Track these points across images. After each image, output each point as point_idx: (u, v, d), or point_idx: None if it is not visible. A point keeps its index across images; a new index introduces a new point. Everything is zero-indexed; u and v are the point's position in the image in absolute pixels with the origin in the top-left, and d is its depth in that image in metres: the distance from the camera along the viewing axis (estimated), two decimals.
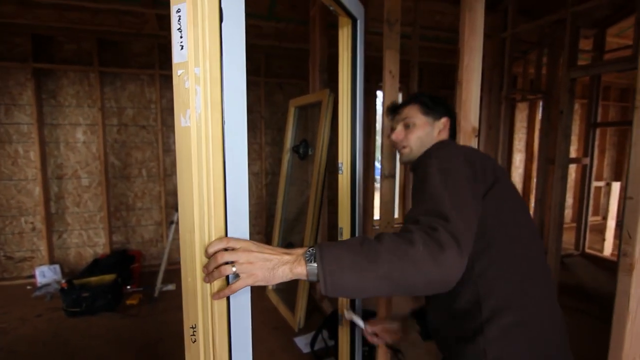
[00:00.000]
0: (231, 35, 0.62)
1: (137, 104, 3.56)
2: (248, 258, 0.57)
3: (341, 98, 1.53)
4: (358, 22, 1.42)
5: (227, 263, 0.57)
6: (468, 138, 1.22)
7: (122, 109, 3.53)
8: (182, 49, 0.58)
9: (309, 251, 0.60)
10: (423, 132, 1.00)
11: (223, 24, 0.60)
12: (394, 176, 1.81)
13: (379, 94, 4.17)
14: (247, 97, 3.54)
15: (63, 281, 2.84)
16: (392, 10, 1.71)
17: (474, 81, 1.22)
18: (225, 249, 0.59)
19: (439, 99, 1.04)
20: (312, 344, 2.20)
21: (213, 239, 0.61)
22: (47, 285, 3.10)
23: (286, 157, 3.07)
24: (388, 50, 1.72)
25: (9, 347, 2.23)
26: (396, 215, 4.78)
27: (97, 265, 3.17)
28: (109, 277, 2.87)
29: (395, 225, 2.24)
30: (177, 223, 2.78)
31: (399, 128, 1.03)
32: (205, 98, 0.58)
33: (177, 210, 3.38)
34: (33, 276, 3.22)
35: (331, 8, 1.31)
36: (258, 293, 3.06)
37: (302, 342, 2.33)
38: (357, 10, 1.39)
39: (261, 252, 0.59)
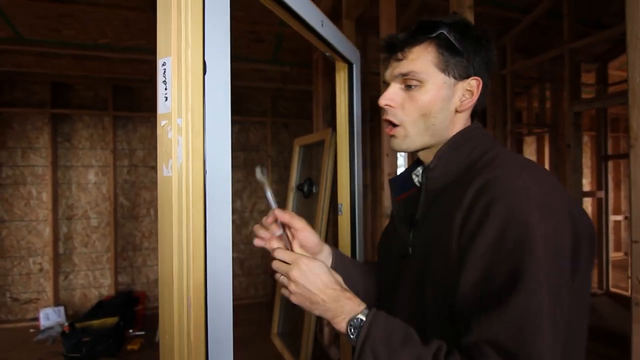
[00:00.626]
0: (215, 86, 0.63)
1: (147, 145, 3.68)
2: (291, 283, 0.59)
3: (339, 139, 1.55)
4: (354, 66, 1.47)
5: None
6: None
7: (133, 151, 3.64)
8: (166, 100, 0.60)
9: (357, 320, 0.54)
10: (433, 102, 0.60)
11: (206, 75, 0.62)
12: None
13: None
14: (254, 137, 3.62)
15: (66, 324, 2.80)
16: None
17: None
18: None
19: (476, 34, 0.61)
20: None
21: (191, 293, 0.58)
22: (50, 328, 3.05)
23: (291, 195, 3.07)
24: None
25: None
26: None
27: (101, 308, 3.12)
28: (111, 320, 2.82)
29: None
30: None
31: (394, 87, 0.63)
32: (187, 148, 0.59)
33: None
34: (37, 319, 3.18)
35: (327, 54, 1.36)
36: (262, 337, 2.94)
37: None
38: (353, 55, 1.45)
39: (306, 284, 0.58)
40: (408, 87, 0.62)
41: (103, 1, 2.64)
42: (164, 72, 0.59)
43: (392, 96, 0.63)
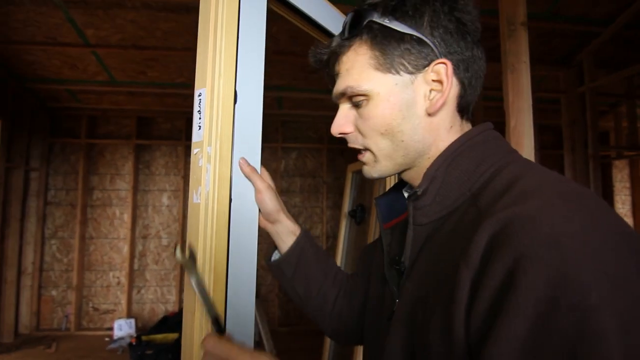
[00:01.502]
0: (245, 115, 0.65)
1: None
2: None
3: None
4: None
5: None
6: None
7: None
8: (199, 129, 0.62)
9: None
10: (392, 113, 0.44)
11: (237, 105, 0.64)
12: None
13: None
14: (310, 164, 3.69)
15: (133, 336, 3.03)
16: None
17: (525, 144, 1.11)
18: None
19: (416, 0, 0.43)
20: None
21: (210, 326, 0.57)
22: (121, 338, 3.33)
23: (344, 222, 3.04)
24: None
25: None
26: None
27: (165, 323, 3.33)
28: (172, 336, 2.98)
29: None
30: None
31: (343, 109, 0.50)
32: (214, 176, 0.60)
33: None
34: (111, 328, 3.50)
35: None
36: None
37: None
38: None
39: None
40: (356, 105, 0.47)
41: (180, 46, 3.00)
42: (200, 102, 0.63)
43: (341, 121, 0.50)
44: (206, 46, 0.62)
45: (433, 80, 0.44)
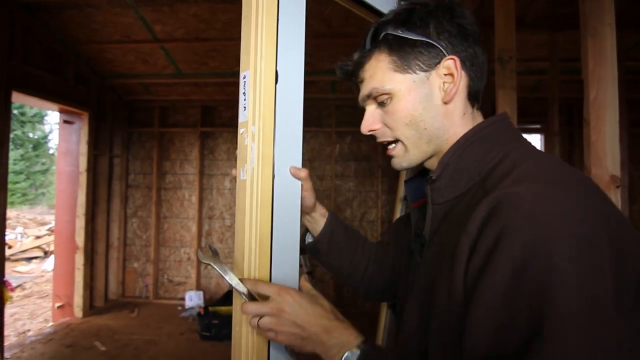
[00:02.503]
0: (286, 94, 0.66)
1: None
2: (272, 320, 0.51)
3: None
4: None
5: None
6: (604, 189, 0.97)
7: None
8: (244, 109, 0.65)
9: (350, 354, 0.49)
10: (414, 105, 0.52)
11: (278, 85, 0.65)
12: None
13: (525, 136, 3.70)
14: (365, 148, 3.64)
15: (202, 307, 3.32)
16: (505, 48, 1.56)
17: (608, 118, 0.98)
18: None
19: (424, 13, 0.51)
20: None
21: (256, 298, 0.60)
22: (191, 308, 3.68)
23: (399, 206, 2.97)
24: (501, 90, 1.56)
25: (155, 357, 2.69)
26: None
27: (229, 297, 3.60)
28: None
29: None
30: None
31: (369, 110, 0.58)
32: (258, 154, 0.62)
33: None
34: (183, 299, 3.87)
35: None
36: None
37: None
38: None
39: (294, 320, 0.51)
40: (381, 104, 0.56)
41: (238, 35, 3.11)
42: (244, 84, 0.65)
43: (370, 120, 0.58)
44: (249, 29, 0.64)
45: (445, 75, 0.52)
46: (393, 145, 0.57)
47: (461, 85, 0.52)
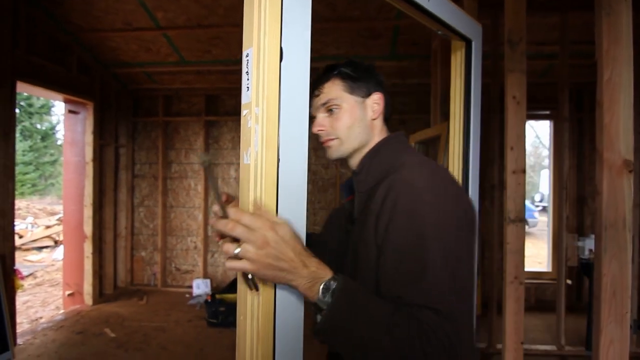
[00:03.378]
0: (292, 73, 0.63)
1: None
2: (257, 251, 0.53)
3: (452, 130, 1.39)
4: (473, 43, 1.26)
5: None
6: (617, 175, 0.93)
7: None
8: (247, 90, 0.62)
9: (328, 283, 0.57)
10: (353, 117, 0.78)
11: (283, 62, 0.62)
12: (522, 220, 1.51)
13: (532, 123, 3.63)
14: None
15: (209, 294, 3.36)
16: (515, 29, 1.51)
17: (622, 100, 0.95)
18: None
19: (364, 66, 0.81)
20: None
21: (259, 283, 0.59)
22: (199, 295, 3.72)
23: None
24: (510, 74, 1.51)
25: (163, 343, 2.74)
26: (548, 269, 3.92)
27: (235, 285, 3.63)
28: None
29: (528, 281, 1.82)
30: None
31: (321, 116, 0.80)
32: (262, 137, 0.60)
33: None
34: (191, 287, 3.92)
35: (439, 32, 1.21)
36: None
37: None
38: (472, 30, 1.24)
39: (277, 253, 0.54)
40: (330, 112, 0.79)
41: (240, 21, 3.06)
42: (247, 62, 0.62)
43: (321, 123, 0.79)
44: (251, 3, 0.61)
45: (374, 102, 0.80)
46: (332, 140, 0.79)
47: (381, 109, 0.81)
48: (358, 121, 0.78)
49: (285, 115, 0.62)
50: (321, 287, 0.57)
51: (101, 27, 3.15)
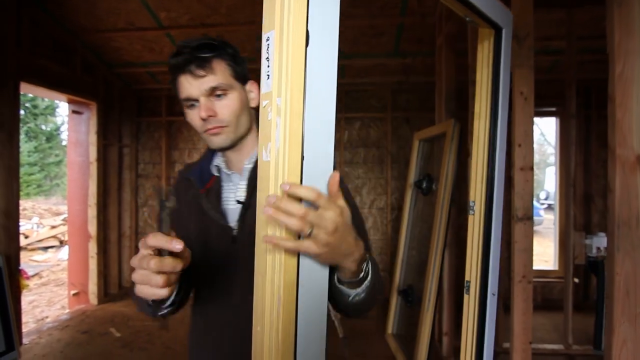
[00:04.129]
0: (318, 59, 0.55)
1: None
2: (328, 237, 0.51)
3: (477, 123, 1.34)
4: (503, 31, 1.18)
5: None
6: (630, 172, 0.91)
7: None
8: (268, 78, 0.55)
9: (368, 258, 0.66)
10: (241, 103, 0.75)
11: (308, 48, 0.54)
12: (530, 218, 1.49)
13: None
14: (374, 133, 3.54)
15: None
16: (521, 25, 1.49)
17: (634, 95, 0.92)
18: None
19: (233, 48, 0.77)
20: None
21: (281, 291, 0.53)
22: None
23: (409, 192, 2.93)
24: (518, 69, 1.49)
25: (167, 342, 2.74)
26: (554, 267, 3.89)
27: None
28: None
29: (535, 280, 1.79)
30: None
31: (206, 100, 0.72)
32: (284, 131, 0.53)
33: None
34: None
35: (467, 19, 1.13)
36: (377, 335, 2.91)
37: None
38: (502, 17, 1.16)
39: (343, 239, 0.54)
40: (217, 97, 0.73)
41: (243, 19, 3.05)
42: (268, 47, 0.55)
43: (210, 107, 0.72)
44: None
45: (251, 90, 0.79)
46: (223, 128, 0.74)
47: (257, 98, 0.79)
48: (244, 108, 0.77)
49: (310, 107, 0.55)
50: (364, 264, 0.63)
51: (104, 27, 3.15)
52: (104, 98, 3.70)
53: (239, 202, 0.78)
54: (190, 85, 0.72)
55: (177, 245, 0.54)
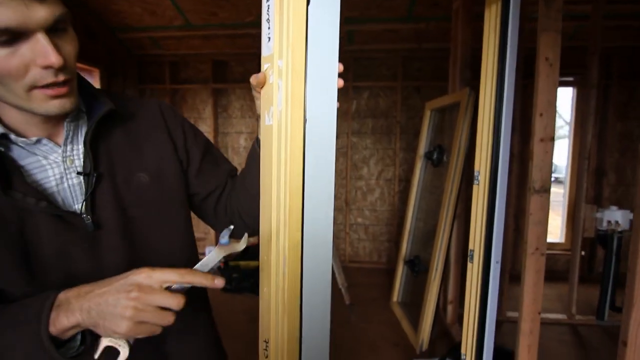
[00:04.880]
0: (320, 18, 0.54)
1: None
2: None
3: (483, 93, 1.30)
4: None
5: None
6: None
7: None
8: (269, 41, 0.55)
9: None
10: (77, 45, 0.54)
11: (310, 6, 0.53)
12: (547, 191, 1.46)
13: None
14: (383, 103, 3.45)
15: (222, 261, 3.42)
16: None
17: None
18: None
19: None
20: None
21: (286, 252, 0.56)
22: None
23: (419, 163, 2.89)
24: (544, 33, 1.40)
25: None
26: (560, 240, 3.89)
27: (247, 252, 3.66)
28: (253, 264, 3.31)
29: (549, 252, 1.79)
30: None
31: (48, 40, 0.46)
32: (286, 93, 0.54)
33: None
34: (203, 254, 4.00)
35: None
36: (381, 302, 2.97)
37: None
38: None
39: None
40: (57, 33, 0.49)
41: None
42: (268, 8, 0.55)
43: (58, 51, 0.48)
44: None
45: None
46: (72, 81, 0.53)
47: None
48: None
49: (312, 67, 0.55)
50: None
51: None
52: (107, 65, 3.61)
53: (81, 173, 0.56)
54: (19, 10, 0.43)
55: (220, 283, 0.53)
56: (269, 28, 0.55)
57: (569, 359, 2.29)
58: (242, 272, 3.12)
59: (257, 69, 0.63)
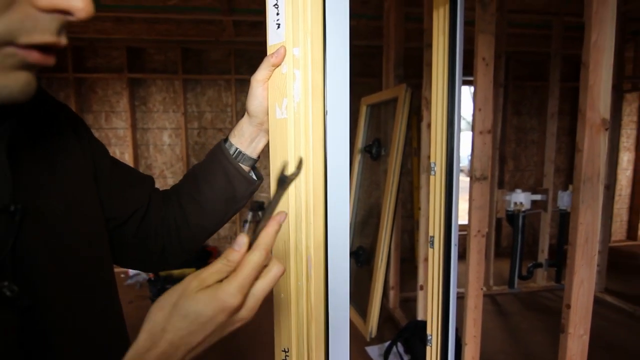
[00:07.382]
0: (335, 7, 0.52)
1: (214, 108, 3.77)
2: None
3: (435, 89, 1.37)
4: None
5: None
6: (596, 133, 1.01)
7: (202, 113, 3.76)
8: (278, 27, 0.50)
9: None
10: None
11: None
12: (487, 178, 1.61)
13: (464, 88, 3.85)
14: None
15: (151, 272, 3.09)
16: None
17: (604, 62, 1.00)
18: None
19: None
20: (386, 356, 2.07)
21: (311, 250, 0.51)
22: (137, 274, 3.41)
23: (357, 158, 2.98)
24: (481, 35, 1.53)
25: None
26: None
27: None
28: (189, 271, 3.06)
29: (461, 233, 2.01)
30: (250, 222, 2.80)
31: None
32: (305, 84, 0.50)
33: (251, 209, 3.49)
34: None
35: None
36: None
37: (375, 353, 2.21)
38: None
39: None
40: None
41: None
42: None
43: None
44: None
45: None
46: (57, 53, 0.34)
47: None
48: None
49: (331, 56, 0.52)
50: None
51: None
52: None
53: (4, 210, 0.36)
54: None
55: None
56: (277, 14, 0.50)
57: (496, 327, 2.61)
58: (176, 282, 2.86)
59: (182, 58, 0.51)
